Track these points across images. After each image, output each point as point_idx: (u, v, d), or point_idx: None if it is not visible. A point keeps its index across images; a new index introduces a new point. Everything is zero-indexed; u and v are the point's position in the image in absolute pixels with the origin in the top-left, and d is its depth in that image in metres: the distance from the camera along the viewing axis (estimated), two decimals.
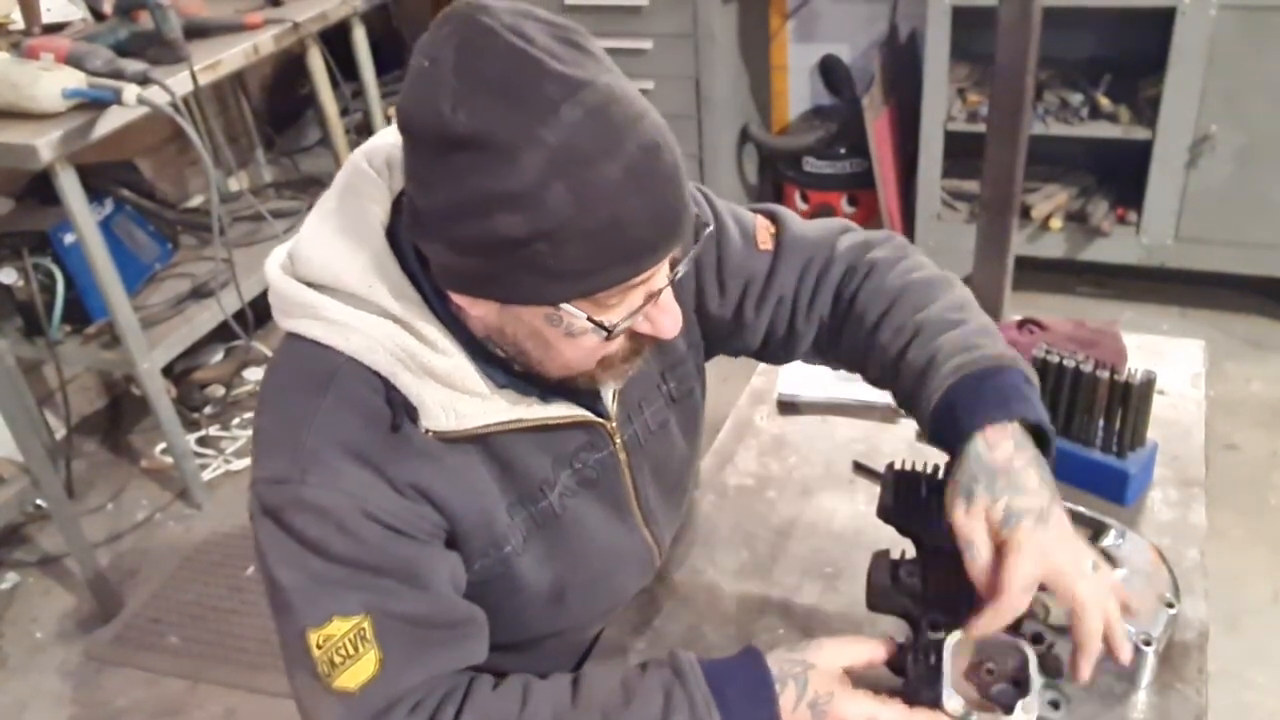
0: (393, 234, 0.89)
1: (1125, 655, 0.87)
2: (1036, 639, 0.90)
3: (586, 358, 0.88)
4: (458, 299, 0.85)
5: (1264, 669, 1.99)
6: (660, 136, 0.78)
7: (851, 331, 1.05)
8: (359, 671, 0.84)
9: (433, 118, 0.75)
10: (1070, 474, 1.20)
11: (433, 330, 0.87)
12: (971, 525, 0.87)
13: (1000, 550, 0.85)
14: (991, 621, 0.85)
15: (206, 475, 2.78)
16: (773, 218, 1.10)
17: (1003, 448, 0.88)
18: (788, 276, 1.07)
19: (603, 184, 0.75)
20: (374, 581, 0.85)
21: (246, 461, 2.84)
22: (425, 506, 0.88)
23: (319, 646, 0.84)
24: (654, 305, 0.86)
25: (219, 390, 3.07)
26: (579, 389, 0.93)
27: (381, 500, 0.85)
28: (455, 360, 0.87)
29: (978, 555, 0.86)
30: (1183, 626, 1.02)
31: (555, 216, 0.75)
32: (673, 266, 0.87)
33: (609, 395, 1.00)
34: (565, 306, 0.81)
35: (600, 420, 0.98)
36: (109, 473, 2.87)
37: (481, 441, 0.91)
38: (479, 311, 0.85)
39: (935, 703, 0.87)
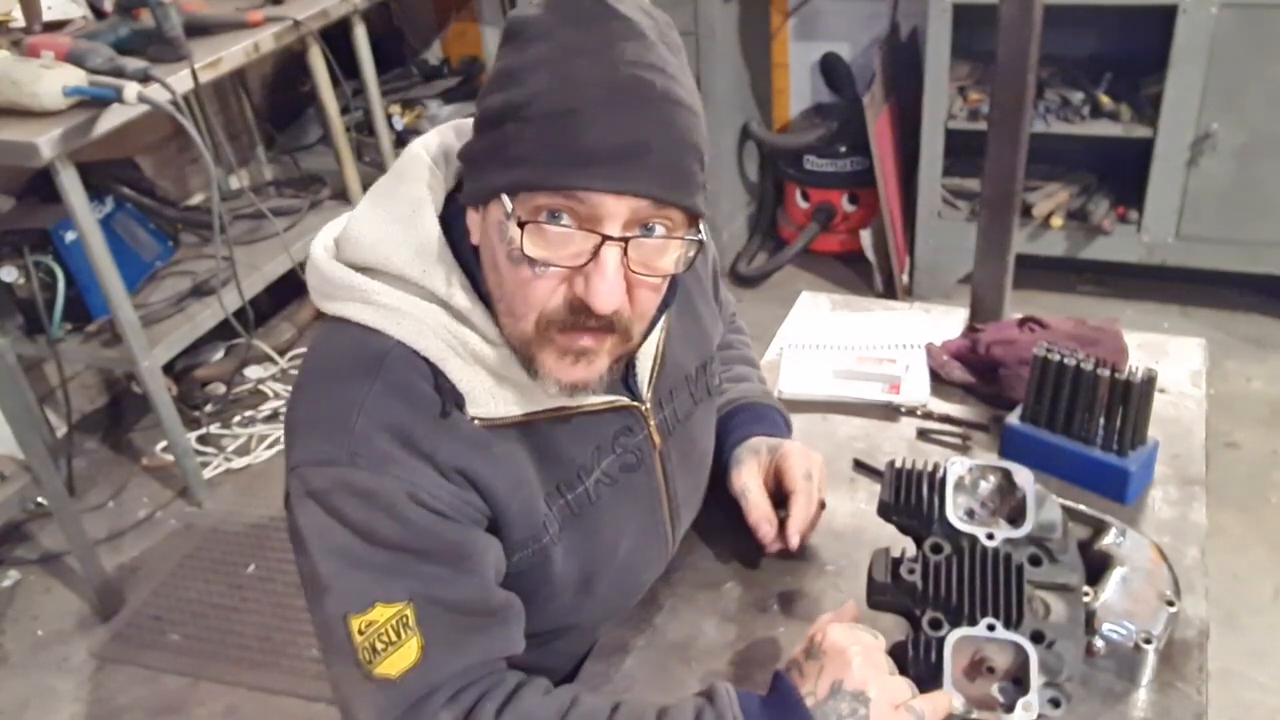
0: (446, 223, 0.89)
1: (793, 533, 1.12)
2: (1037, 637, 0.89)
3: (525, 298, 0.84)
4: (471, 223, 0.87)
5: (1264, 667, 1.99)
6: (669, 84, 0.80)
7: None
8: (401, 659, 0.83)
9: (516, 12, 0.84)
10: (1071, 472, 1.20)
11: (482, 316, 0.87)
12: (742, 480, 1.15)
13: (778, 474, 1.15)
14: (803, 514, 1.12)
15: (207, 473, 2.78)
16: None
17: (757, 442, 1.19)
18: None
19: (581, 79, 0.78)
20: (419, 567, 0.85)
21: (247, 460, 2.84)
22: (471, 493, 0.88)
23: (361, 633, 0.83)
24: (594, 263, 0.81)
25: (220, 388, 3.07)
26: (541, 379, 0.89)
27: (429, 485, 0.85)
28: (502, 350, 0.88)
29: (754, 500, 1.13)
30: (1183, 625, 1.02)
31: (527, 93, 0.79)
32: (644, 228, 0.82)
33: (644, 381, 1.01)
34: (505, 202, 0.80)
35: (635, 404, 1.00)
36: (110, 470, 2.88)
37: (525, 428, 0.92)
38: (477, 237, 0.87)
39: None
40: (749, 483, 1.14)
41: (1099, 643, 0.95)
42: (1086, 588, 0.97)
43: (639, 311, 0.87)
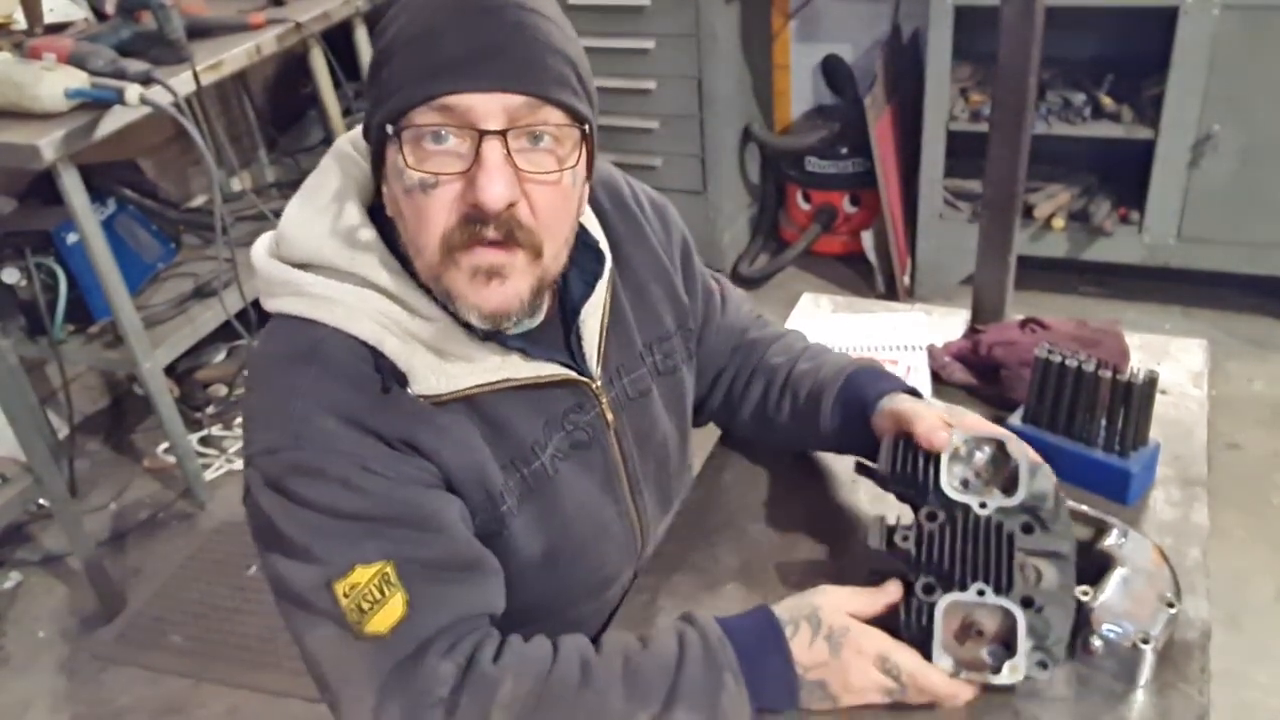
0: (373, 211, 0.93)
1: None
2: (1026, 602, 0.93)
3: (425, 226, 0.86)
4: (385, 195, 0.91)
5: (1266, 668, 1.99)
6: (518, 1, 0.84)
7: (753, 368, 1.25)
8: (388, 614, 0.85)
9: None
10: (1072, 473, 1.20)
11: (413, 295, 0.90)
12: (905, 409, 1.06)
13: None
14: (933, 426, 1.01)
15: (209, 474, 2.78)
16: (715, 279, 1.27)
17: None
18: (729, 318, 1.25)
19: (433, 5, 0.83)
20: (387, 530, 0.87)
21: None
22: (421, 459, 0.90)
23: (345, 595, 0.84)
24: (479, 164, 0.83)
25: (221, 390, 3.07)
26: (459, 311, 0.90)
27: (377, 456, 0.87)
28: (438, 323, 0.91)
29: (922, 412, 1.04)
30: (1185, 626, 1.02)
31: (389, 35, 0.85)
32: (530, 137, 0.85)
33: (592, 357, 1.03)
34: (389, 132, 0.84)
35: (585, 380, 1.01)
36: (111, 472, 2.88)
37: (471, 403, 0.94)
38: (390, 202, 0.90)
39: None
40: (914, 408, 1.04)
41: (1097, 642, 0.96)
42: (1086, 587, 0.98)
43: (543, 222, 0.87)
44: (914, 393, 1.12)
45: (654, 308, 1.14)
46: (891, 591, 0.97)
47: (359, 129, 0.96)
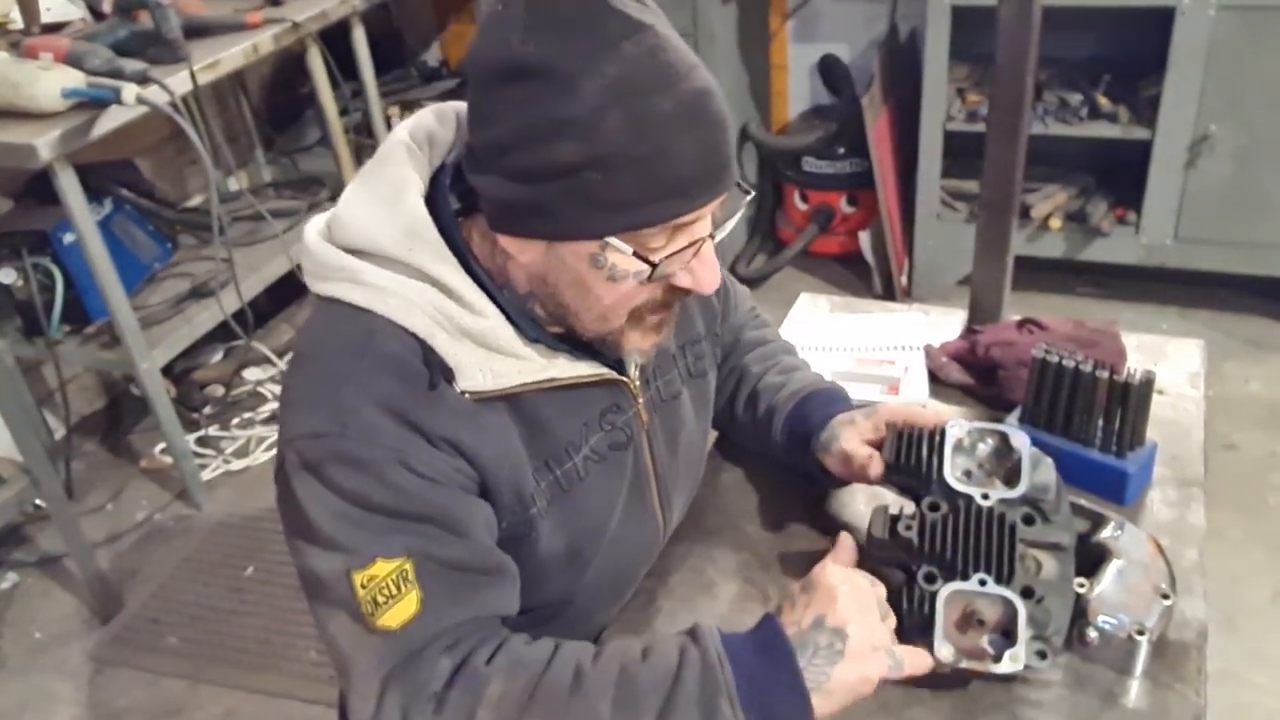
0: (430, 203, 0.92)
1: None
2: (1026, 592, 0.94)
3: (623, 304, 0.91)
4: (506, 242, 0.89)
5: (1263, 669, 1.99)
6: (711, 86, 0.84)
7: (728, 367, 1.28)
8: (401, 611, 0.86)
9: (503, 50, 0.81)
10: (1070, 474, 1.20)
11: (470, 291, 0.91)
12: (844, 448, 1.12)
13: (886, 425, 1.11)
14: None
15: (206, 475, 2.78)
16: None
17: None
18: (733, 318, 1.27)
19: (656, 116, 0.80)
20: (414, 527, 0.88)
21: (246, 462, 2.84)
22: (459, 460, 0.91)
23: (363, 587, 0.86)
24: (696, 257, 0.89)
25: (218, 390, 3.07)
26: (607, 353, 0.97)
27: (419, 453, 0.88)
28: (491, 321, 0.92)
29: (854, 450, 1.10)
30: (1182, 626, 1.02)
31: (609, 143, 0.80)
32: (714, 225, 0.91)
33: (633, 363, 1.04)
34: (612, 242, 0.85)
35: (624, 379, 1.02)
36: (108, 473, 2.87)
37: (513, 401, 0.95)
38: (527, 257, 0.89)
39: (927, 651, 0.92)
40: (852, 448, 1.12)
41: (1092, 634, 0.96)
42: (1083, 579, 0.99)
43: None
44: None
45: (687, 309, 1.15)
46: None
47: (412, 119, 0.96)
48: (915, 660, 0.92)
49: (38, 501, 2.40)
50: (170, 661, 2.27)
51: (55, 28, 2.60)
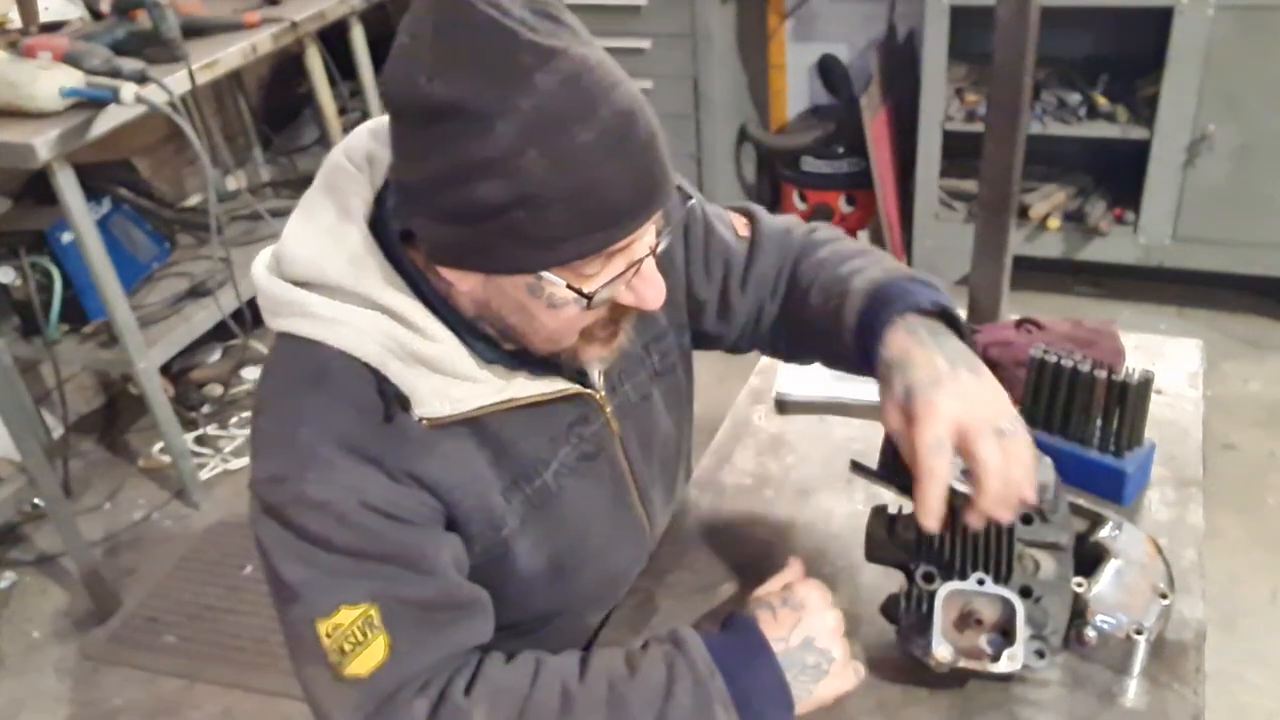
0: (375, 226, 0.90)
1: (1007, 511, 0.89)
2: (1025, 592, 0.94)
3: (568, 329, 0.89)
4: (447, 274, 0.87)
5: (1261, 669, 1.99)
6: (634, 104, 0.79)
7: (795, 300, 1.11)
8: (369, 658, 0.85)
9: (411, 90, 0.77)
10: (1068, 474, 1.20)
11: (421, 315, 0.89)
12: (889, 420, 0.92)
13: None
14: (925, 493, 0.87)
15: (204, 474, 2.78)
16: (746, 213, 1.16)
17: (897, 342, 0.93)
18: (766, 260, 1.12)
19: (577, 149, 0.76)
20: (379, 569, 0.86)
21: (244, 461, 2.84)
22: (423, 493, 0.89)
23: (328, 636, 0.85)
24: (636, 275, 0.87)
25: (216, 389, 3.07)
26: (565, 366, 0.96)
27: (379, 490, 0.86)
28: (445, 345, 0.89)
29: (902, 443, 0.91)
30: (1180, 626, 1.02)
31: (532, 182, 0.76)
32: (656, 236, 0.89)
33: (594, 370, 1.02)
34: (546, 275, 0.82)
35: (589, 390, 1.01)
36: (106, 472, 2.87)
37: (475, 425, 0.93)
38: (467, 286, 0.87)
39: (926, 650, 0.93)
40: (898, 429, 0.92)
41: (1091, 633, 0.96)
42: (1080, 579, 0.99)
43: None
44: (948, 314, 0.98)
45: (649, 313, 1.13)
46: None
47: (349, 140, 0.93)
48: (862, 671, 0.97)
49: (35, 500, 2.40)
50: (167, 660, 2.26)
51: (53, 27, 2.59)
